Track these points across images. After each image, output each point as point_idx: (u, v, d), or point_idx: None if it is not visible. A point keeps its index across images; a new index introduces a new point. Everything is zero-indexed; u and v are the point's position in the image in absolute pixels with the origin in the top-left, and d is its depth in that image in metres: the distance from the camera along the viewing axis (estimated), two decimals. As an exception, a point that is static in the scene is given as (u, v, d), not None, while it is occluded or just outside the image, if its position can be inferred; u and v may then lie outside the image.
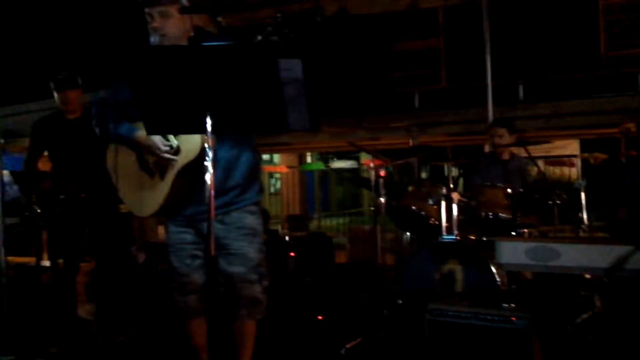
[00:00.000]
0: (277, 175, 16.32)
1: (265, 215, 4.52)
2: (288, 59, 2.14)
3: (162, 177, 2.71)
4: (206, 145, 2.18)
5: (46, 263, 4.74)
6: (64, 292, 4.14)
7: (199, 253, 2.82)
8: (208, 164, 2.18)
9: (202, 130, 2.18)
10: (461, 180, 7.25)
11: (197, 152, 2.56)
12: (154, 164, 2.76)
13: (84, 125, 4.16)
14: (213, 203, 2.17)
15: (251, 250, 2.79)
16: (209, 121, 2.16)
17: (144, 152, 2.75)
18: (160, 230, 9.29)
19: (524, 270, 4.09)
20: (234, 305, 2.82)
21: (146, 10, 2.66)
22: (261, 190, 3.00)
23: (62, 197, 3.23)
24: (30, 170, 4.33)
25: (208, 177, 2.17)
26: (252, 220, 2.83)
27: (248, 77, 2.15)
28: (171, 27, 2.65)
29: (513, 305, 3.16)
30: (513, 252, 2.58)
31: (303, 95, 2.18)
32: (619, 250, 2.43)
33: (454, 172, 9.02)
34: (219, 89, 2.16)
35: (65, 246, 4.14)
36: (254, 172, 2.89)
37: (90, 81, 4.42)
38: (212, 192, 2.17)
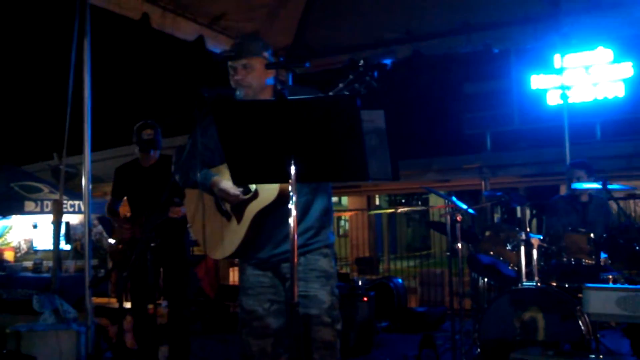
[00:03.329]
0: (346, 217, 16.33)
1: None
2: (371, 110, 2.20)
3: (239, 220, 2.78)
4: (289, 188, 2.25)
5: (127, 305, 4.93)
6: (147, 334, 4.26)
7: (275, 298, 2.82)
8: (292, 206, 2.24)
9: (286, 179, 2.24)
10: (534, 222, 7.05)
11: (274, 196, 2.62)
12: (231, 208, 2.85)
13: (160, 171, 4.36)
14: (296, 247, 2.22)
15: (324, 292, 2.76)
16: (292, 170, 2.23)
17: (219, 197, 2.85)
18: (232, 272, 9.48)
19: (613, 321, 3.92)
20: (308, 349, 2.76)
21: (230, 63, 2.74)
22: (332, 233, 3.02)
23: (152, 244, 3.34)
24: (113, 214, 4.52)
25: (291, 221, 2.24)
26: (325, 263, 2.81)
27: (331, 128, 2.20)
28: (254, 78, 2.72)
29: (601, 356, 3.04)
30: (602, 301, 2.49)
31: (385, 146, 2.22)
32: None
33: (527, 214, 8.80)
34: (303, 138, 2.23)
35: (145, 289, 4.26)
36: (327, 215, 2.89)
37: (168, 127, 4.61)
38: (296, 236, 2.22)
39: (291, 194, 2.26)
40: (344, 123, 2.20)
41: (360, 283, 5.37)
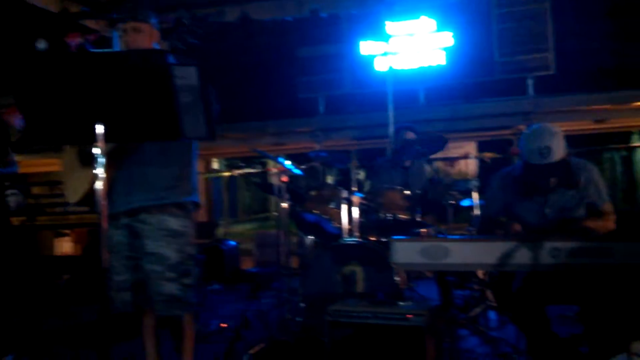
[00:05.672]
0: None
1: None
2: (184, 66, 2.14)
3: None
4: (98, 150, 2.15)
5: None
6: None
7: (132, 254, 2.91)
8: (100, 170, 2.16)
9: (92, 140, 2.13)
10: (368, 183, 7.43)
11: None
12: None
13: None
14: (105, 210, 2.16)
15: (169, 250, 2.87)
16: (99, 129, 2.12)
17: None
18: (57, 243, 8.89)
19: (417, 269, 4.27)
20: (152, 302, 2.91)
21: (120, 25, 2.81)
22: (190, 194, 3.01)
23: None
24: None
25: (99, 185, 2.16)
26: (173, 222, 2.90)
27: (141, 84, 2.12)
28: (143, 42, 2.78)
29: (410, 303, 3.30)
30: (407, 251, 2.69)
31: (199, 103, 2.18)
32: (505, 246, 2.59)
33: (361, 175, 9.22)
34: (111, 96, 2.12)
35: None
36: (181, 175, 2.95)
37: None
38: (103, 200, 2.16)
39: (98, 154, 2.16)
40: (155, 79, 2.13)
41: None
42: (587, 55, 9.54)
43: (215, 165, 17.56)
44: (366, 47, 9.05)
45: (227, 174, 14.05)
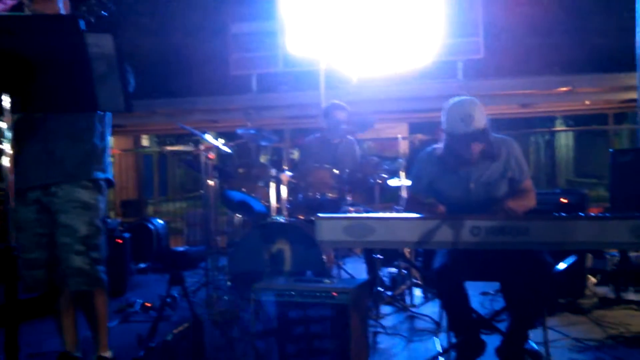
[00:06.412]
0: (111, 159, 15.48)
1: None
2: (98, 33, 2.03)
3: None
4: (3, 123, 2.02)
5: None
6: None
7: (42, 231, 2.84)
8: (6, 145, 2.03)
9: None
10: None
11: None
12: None
13: None
14: (13, 185, 2.04)
15: (79, 222, 2.80)
16: (5, 101, 1.99)
17: None
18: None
19: (341, 246, 4.30)
20: (63, 275, 2.83)
21: None
22: (102, 171, 2.92)
23: None
24: None
25: (5, 161, 2.03)
26: (84, 195, 2.83)
27: (52, 52, 2.01)
28: (50, 9, 2.60)
29: (336, 280, 3.31)
30: (332, 229, 2.68)
31: (116, 74, 2.08)
32: (427, 224, 2.63)
33: (296, 155, 9.20)
34: (20, 63, 2.00)
35: None
36: (93, 149, 2.86)
37: None
38: (11, 175, 2.04)
39: (4, 128, 2.03)
40: (67, 46, 2.01)
41: (114, 225, 5.16)
42: (515, 42, 9.82)
43: (145, 142, 17.14)
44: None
45: (156, 150, 13.71)
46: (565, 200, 4.60)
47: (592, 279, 4.89)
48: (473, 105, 2.95)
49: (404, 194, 4.65)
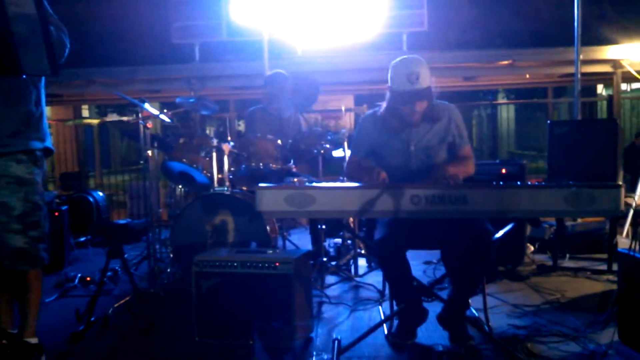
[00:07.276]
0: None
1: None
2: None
3: None
4: None
5: None
6: None
7: None
8: None
9: None
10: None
11: None
12: None
13: None
14: None
15: (14, 199, 2.65)
16: None
17: None
18: None
19: (283, 217, 4.27)
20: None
21: None
22: (40, 140, 2.76)
23: None
24: None
25: None
26: (18, 169, 2.67)
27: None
28: None
29: (279, 251, 3.28)
30: (273, 199, 2.64)
31: (39, 36, 1.96)
32: (367, 194, 2.62)
33: (242, 126, 9.05)
34: None
35: None
36: (28, 120, 2.69)
37: None
38: None
39: None
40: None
41: (50, 198, 4.97)
42: (459, 15, 9.89)
43: (85, 112, 16.61)
44: (243, -6, 8.76)
45: (96, 121, 13.31)
46: (504, 171, 4.70)
47: (531, 247, 5.04)
48: (419, 64, 2.94)
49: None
